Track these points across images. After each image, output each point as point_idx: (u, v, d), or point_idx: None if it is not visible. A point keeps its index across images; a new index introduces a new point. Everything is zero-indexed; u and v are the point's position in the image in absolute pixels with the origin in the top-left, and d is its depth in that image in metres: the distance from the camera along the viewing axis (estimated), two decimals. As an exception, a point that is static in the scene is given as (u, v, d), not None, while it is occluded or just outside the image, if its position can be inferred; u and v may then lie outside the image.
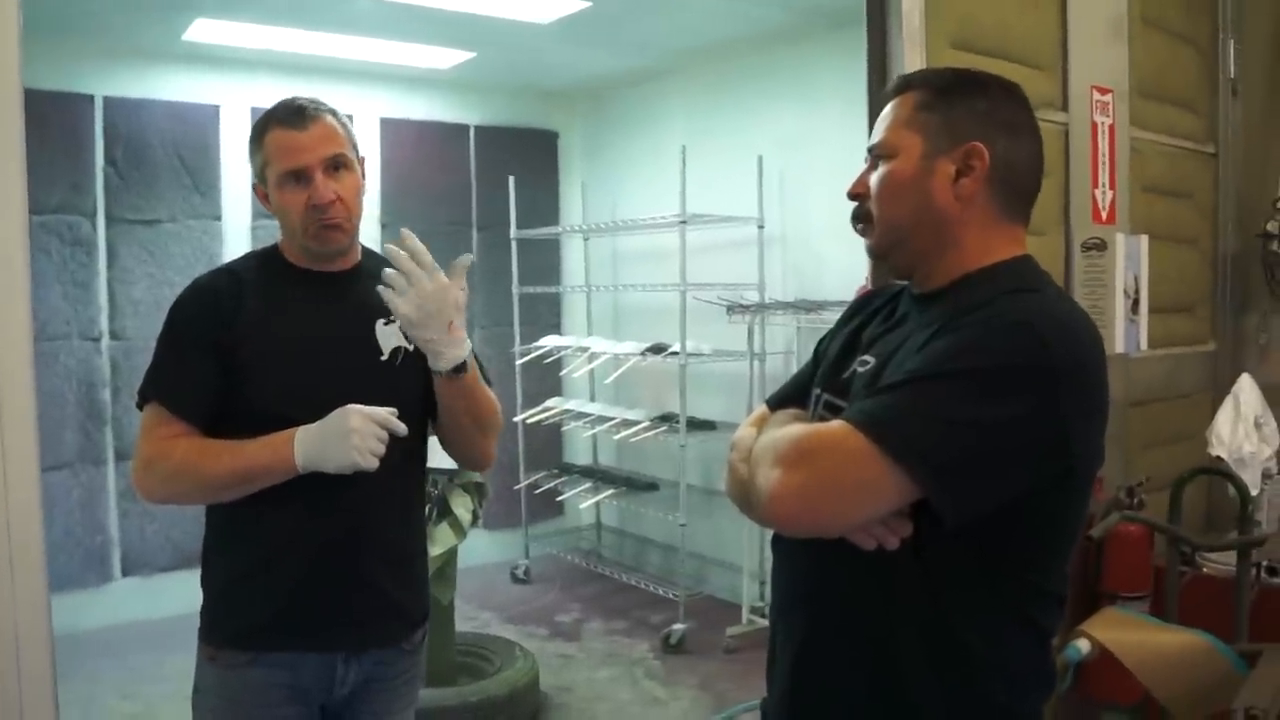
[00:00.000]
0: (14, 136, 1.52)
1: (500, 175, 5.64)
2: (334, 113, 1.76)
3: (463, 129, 5.80)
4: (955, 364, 1.14)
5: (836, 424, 1.16)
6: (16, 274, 1.52)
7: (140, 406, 1.72)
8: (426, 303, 1.63)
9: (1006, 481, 1.15)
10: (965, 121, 1.27)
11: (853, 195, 1.37)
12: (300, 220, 1.70)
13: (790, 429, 1.22)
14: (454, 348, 1.69)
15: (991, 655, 1.22)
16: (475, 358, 1.90)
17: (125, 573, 4.86)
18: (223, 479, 1.64)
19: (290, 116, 1.71)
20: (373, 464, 1.62)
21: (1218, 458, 2.82)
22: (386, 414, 1.64)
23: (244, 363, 1.68)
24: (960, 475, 1.12)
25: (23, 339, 1.52)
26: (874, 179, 1.33)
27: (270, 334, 1.71)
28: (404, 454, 1.74)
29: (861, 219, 1.37)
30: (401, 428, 1.66)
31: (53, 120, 4.49)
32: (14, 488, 1.49)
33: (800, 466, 1.14)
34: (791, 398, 1.47)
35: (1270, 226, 3.40)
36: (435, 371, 1.72)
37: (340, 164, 1.72)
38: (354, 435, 1.59)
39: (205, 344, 1.68)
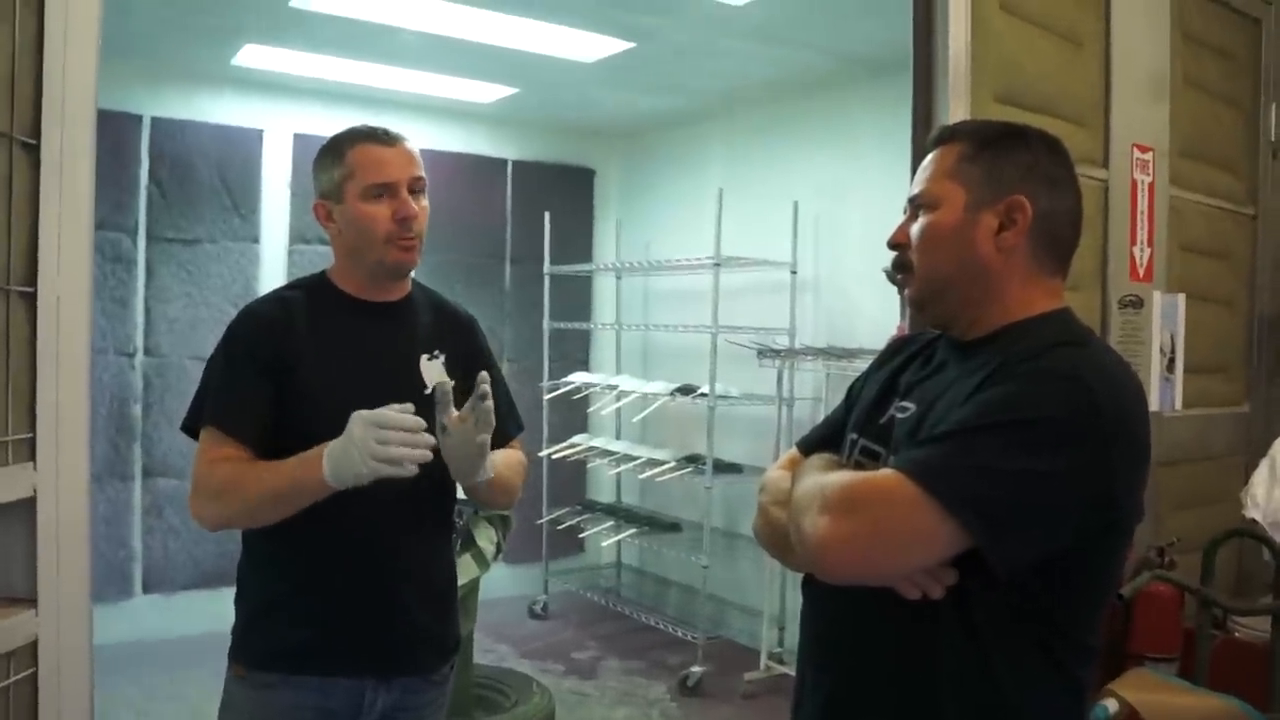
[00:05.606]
0: (85, 163, 1.56)
1: (536, 210, 5.68)
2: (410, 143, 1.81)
3: (500, 163, 5.86)
4: (1006, 415, 1.14)
5: (888, 472, 1.15)
6: (81, 292, 1.53)
7: (191, 432, 1.73)
8: (454, 462, 1.66)
9: (1056, 533, 1.14)
10: (1009, 174, 1.28)
11: (893, 245, 1.37)
12: (385, 232, 1.72)
13: (838, 475, 1.21)
14: (483, 475, 1.69)
15: (1028, 707, 1.21)
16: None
17: (146, 589, 4.87)
18: (263, 497, 1.63)
19: (377, 134, 1.77)
20: (387, 470, 1.53)
21: (1252, 520, 2.78)
22: (395, 414, 1.54)
23: (293, 391, 1.69)
24: (1012, 527, 1.11)
25: (81, 359, 1.52)
26: (915, 229, 1.33)
27: (319, 363, 1.72)
28: (436, 486, 1.74)
29: (901, 269, 1.37)
30: (415, 421, 1.56)
31: (100, 138, 4.51)
32: (64, 503, 1.49)
33: (851, 514, 1.14)
34: (824, 441, 1.47)
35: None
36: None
37: (419, 189, 1.77)
38: (355, 447, 1.52)
39: (260, 369, 1.69)
